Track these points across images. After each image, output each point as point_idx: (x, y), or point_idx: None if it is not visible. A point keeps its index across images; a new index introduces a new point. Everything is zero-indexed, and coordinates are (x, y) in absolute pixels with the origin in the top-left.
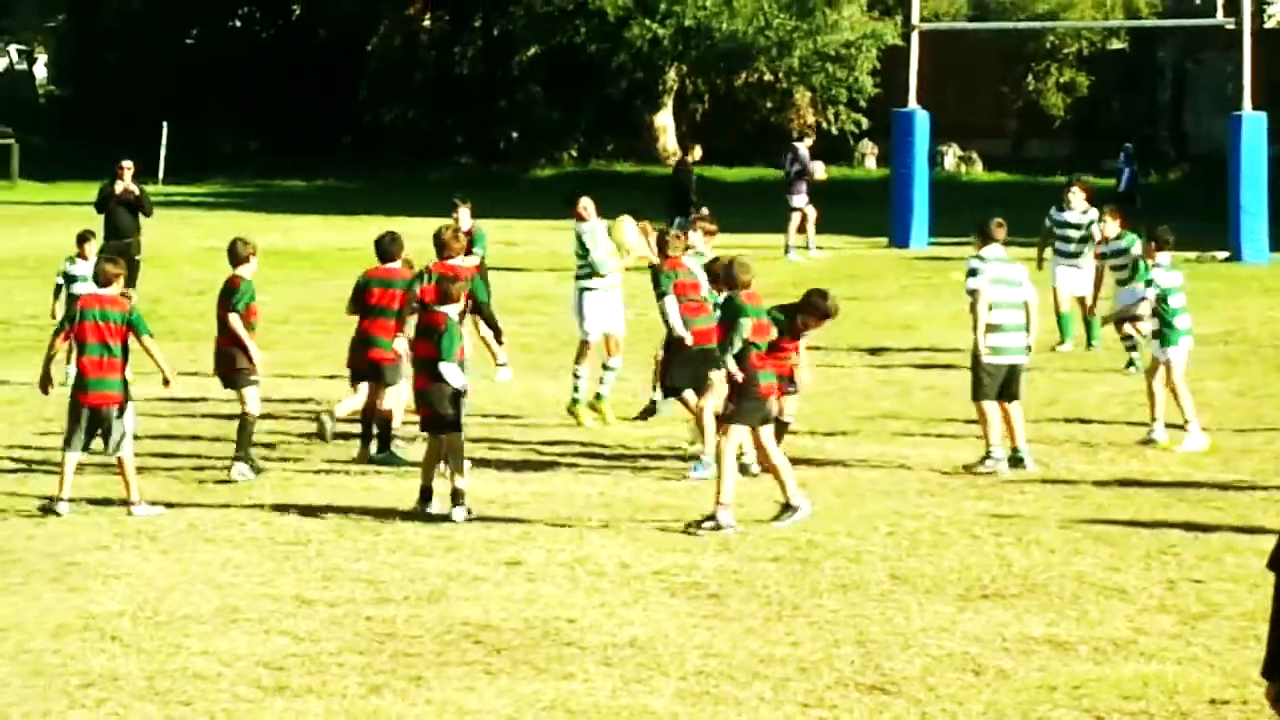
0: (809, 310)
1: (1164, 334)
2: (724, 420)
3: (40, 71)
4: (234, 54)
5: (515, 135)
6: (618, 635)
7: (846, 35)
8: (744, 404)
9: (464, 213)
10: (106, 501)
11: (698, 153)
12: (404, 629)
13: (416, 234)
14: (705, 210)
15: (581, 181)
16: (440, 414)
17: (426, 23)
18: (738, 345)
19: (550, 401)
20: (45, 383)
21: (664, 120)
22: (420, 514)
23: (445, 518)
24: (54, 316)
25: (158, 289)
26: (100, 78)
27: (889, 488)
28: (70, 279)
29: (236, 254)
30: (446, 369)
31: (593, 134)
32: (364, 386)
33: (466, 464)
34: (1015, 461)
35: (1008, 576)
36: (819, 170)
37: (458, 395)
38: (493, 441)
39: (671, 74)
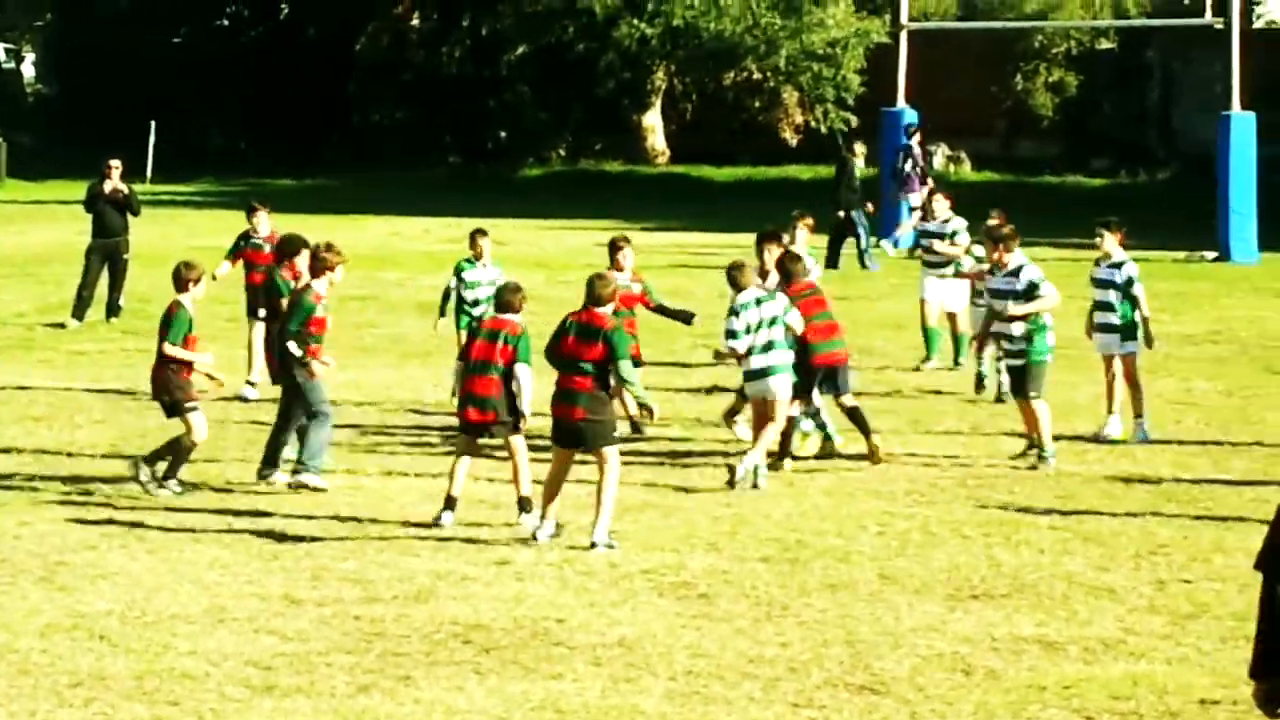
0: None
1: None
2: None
3: (28, 70)
4: (222, 53)
5: (504, 135)
6: (606, 635)
7: (833, 33)
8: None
9: (262, 216)
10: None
11: (859, 149)
12: (392, 628)
13: (409, 233)
14: (870, 207)
15: (570, 181)
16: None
17: (415, 22)
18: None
19: (538, 401)
20: None
21: (652, 120)
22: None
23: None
24: None
25: (146, 288)
26: (88, 77)
27: (878, 487)
28: None
29: (179, 278)
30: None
31: (581, 134)
32: None
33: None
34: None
35: (997, 576)
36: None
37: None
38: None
39: (660, 73)
